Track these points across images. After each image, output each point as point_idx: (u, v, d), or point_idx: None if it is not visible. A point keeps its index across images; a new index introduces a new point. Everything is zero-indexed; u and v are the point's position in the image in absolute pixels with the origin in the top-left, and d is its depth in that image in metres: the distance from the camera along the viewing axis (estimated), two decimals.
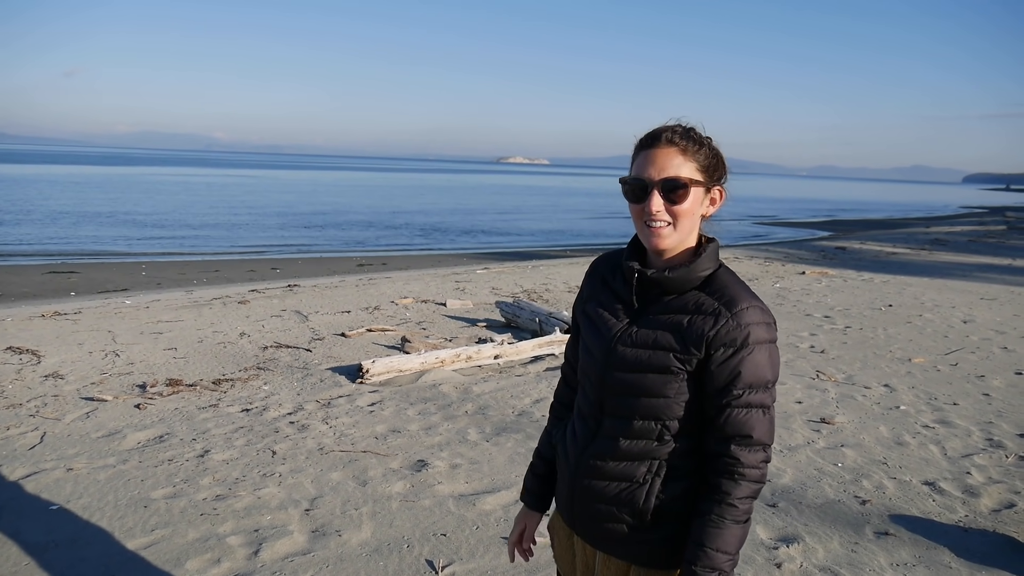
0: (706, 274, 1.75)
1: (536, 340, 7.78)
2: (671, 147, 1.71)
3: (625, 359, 1.75)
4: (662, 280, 1.74)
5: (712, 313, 1.69)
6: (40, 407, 5.78)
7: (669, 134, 1.72)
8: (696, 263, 1.73)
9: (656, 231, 1.72)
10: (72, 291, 13.01)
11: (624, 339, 1.77)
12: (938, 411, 6.20)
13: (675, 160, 1.70)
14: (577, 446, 1.87)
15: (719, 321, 1.67)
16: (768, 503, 4.38)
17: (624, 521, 1.79)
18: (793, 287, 13.25)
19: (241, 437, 5.26)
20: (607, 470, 1.80)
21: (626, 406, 1.76)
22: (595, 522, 1.84)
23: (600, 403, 1.81)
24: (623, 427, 1.77)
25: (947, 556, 3.83)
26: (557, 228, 33.45)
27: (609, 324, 1.81)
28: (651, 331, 1.74)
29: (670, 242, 1.73)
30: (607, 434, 1.80)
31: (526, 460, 4.94)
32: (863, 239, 25.65)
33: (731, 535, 1.68)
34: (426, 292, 11.82)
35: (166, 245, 21.59)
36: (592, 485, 1.82)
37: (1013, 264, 18.11)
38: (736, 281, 1.75)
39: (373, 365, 6.69)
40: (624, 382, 1.75)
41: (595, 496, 1.82)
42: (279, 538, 3.84)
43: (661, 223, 1.71)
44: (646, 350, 1.73)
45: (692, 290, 1.74)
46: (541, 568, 3.58)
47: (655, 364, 1.71)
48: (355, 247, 23.27)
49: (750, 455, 1.68)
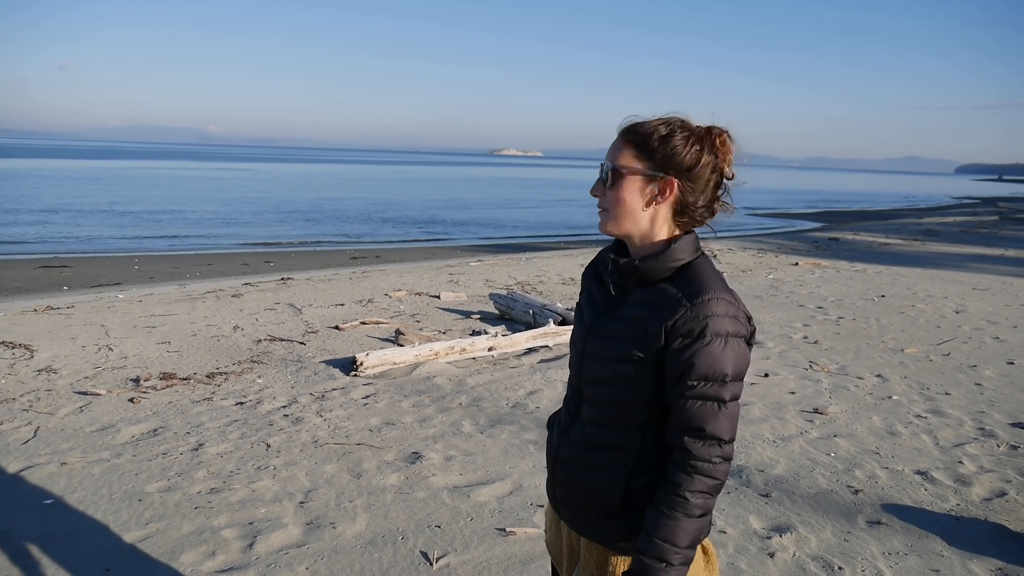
0: (678, 264, 1.72)
1: (530, 332, 7.78)
2: (619, 136, 1.75)
3: (597, 349, 1.78)
4: (634, 269, 1.75)
5: (672, 303, 1.66)
6: (33, 401, 5.77)
7: (627, 123, 1.75)
8: (667, 253, 1.71)
9: (600, 215, 1.78)
10: (65, 285, 12.98)
11: (597, 328, 1.80)
12: (930, 401, 6.23)
13: (616, 148, 1.74)
14: (560, 432, 1.92)
15: (677, 311, 1.64)
16: (761, 493, 4.40)
17: (595, 508, 1.81)
18: (786, 278, 13.28)
19: (235, 430, 5.26)
20: (580, 457, 1.83)
21: (599, 394, 1.78)
22: (573, 507, 1.87)
23: (580, 390, 1.85)
24: (597, 415, 1.79)
25: (939, 545, 3.86)
26: (551, 220, 33.47)
27: (591, 316, 1.85)
28: (619, 321, 1.76)
29: (610, 227, 1.76)
30: (584, 421, 1.83)
31: (520, 452, 4.96)
32: (856, 230, 25.72)
33: (680, 529, 1.65)
34: (420, 285, 11.82)
35: (159, 239, 21.54)
36: (568, 471, 1.86)
37: (1005, 254, 18.17)
38: (707, 272, 1.72)
39: (367, 358, 6.69)
40: (595, 371, 1.78)
41: (571, 482, 1.85)
42: (274, 531, 3.84)
43: (601, 208, 1.77)
44: (613, 340, 1.75)
45: (662, 280, 1.73)
46: (536, 559, 3.60)
47: (619, 354, 1.72)
48: (348, 240, 23.24)
49: (702, 448, 1.64)
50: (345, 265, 16.13)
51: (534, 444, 5.08)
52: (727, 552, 3.73)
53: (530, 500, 4.25)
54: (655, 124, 1.73)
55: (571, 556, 1.97)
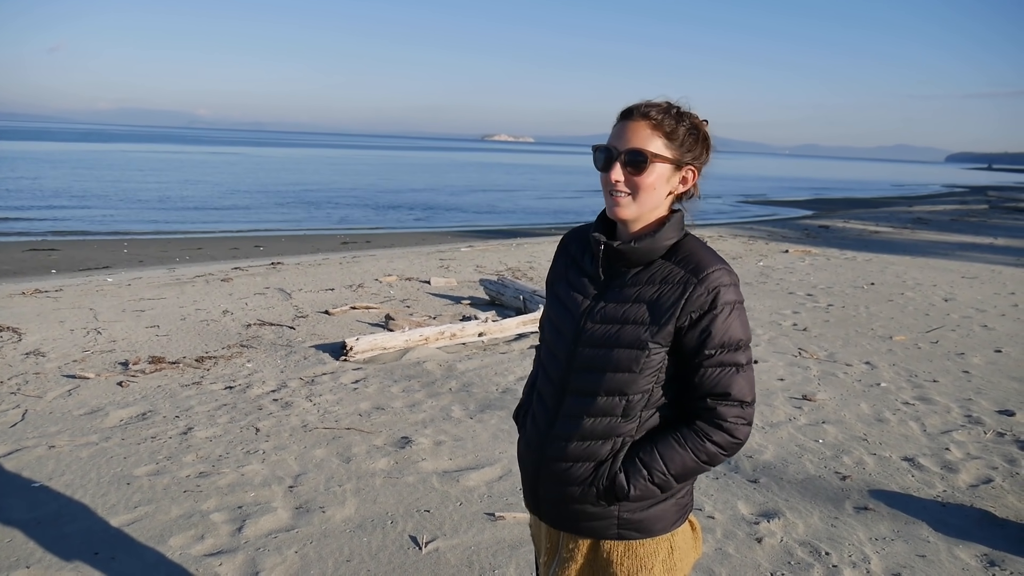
0: (670, 243, 1.77)
1: (520, 317, 7.78)
2: (643, 120, 1.73)
3: (594, 335, 1.76)
4: (628, 251, 1.76)
5: (680, 282, 1.72)
6: (21, 385, 5.74)
7: (645, 108, 1.74)
8: (660, 232, 1.76)
9: (616, 200, 1.75)
10: (53, 268, 12.90)
11: (592, 315, 1.78)
12: (918, 388, 6.26)
13: (643, 133, 1.72)
14: (539, 430, 1.88)
15: (687, 288, 1.71)
16: (749, 479, 4.42)
17: (590, 500, 1.80)
18: (776, 265, 13.31)
19: (224, 414, 5.25)
20: (571, 451, 1.81)
21: (591, 382, 1.77)
22: (562, 504, 1.84)
23: (564, 382, 1.82)
24: (586, 405, 1.78)
25: (925, 530, 3.88)
26: (541, 206, 33.43)
27: (577, 300, 1.83)
28: (619, 305, 1.76)
29: (629, 212, 1.75)
30: (569, 413, 1.81)
31: (510, 437, 4.96)
32: (846, 218, 25.78)
33: (680, 459, 1.74)
34: (410, 270, 11.80)
35: (148, 223, 21.42)
36: (557, 467, 1.83)
37: (994, 243, 18.25)
38: (701, 246, 1.78)
39: (357, 343, 6.68)
40: (591, 358, 1.76)
41: (561, 478, 1.82)
42: (263, 515, 3.84)
43: (622, 193, 1.74)
44: (615, 325, 1.74)
45: (657, 260, 1.77)
46: (524, 543, 3.61)
47: (624, 339, 1.73)
48: (339, 225, 23.16)
49: (727, 410, 1.73)
50: (335, 250, 16.08)
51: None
52: (715, 537, 3.75)
53: (519, 485, 4.24)
54: (681, 113, 1.76)
55: (551, 552, 1.95)
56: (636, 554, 1.81)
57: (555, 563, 1.91)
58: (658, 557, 1.82)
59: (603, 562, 1.84)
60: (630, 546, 1.82)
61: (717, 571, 3.45)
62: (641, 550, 1.82)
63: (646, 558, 1.81)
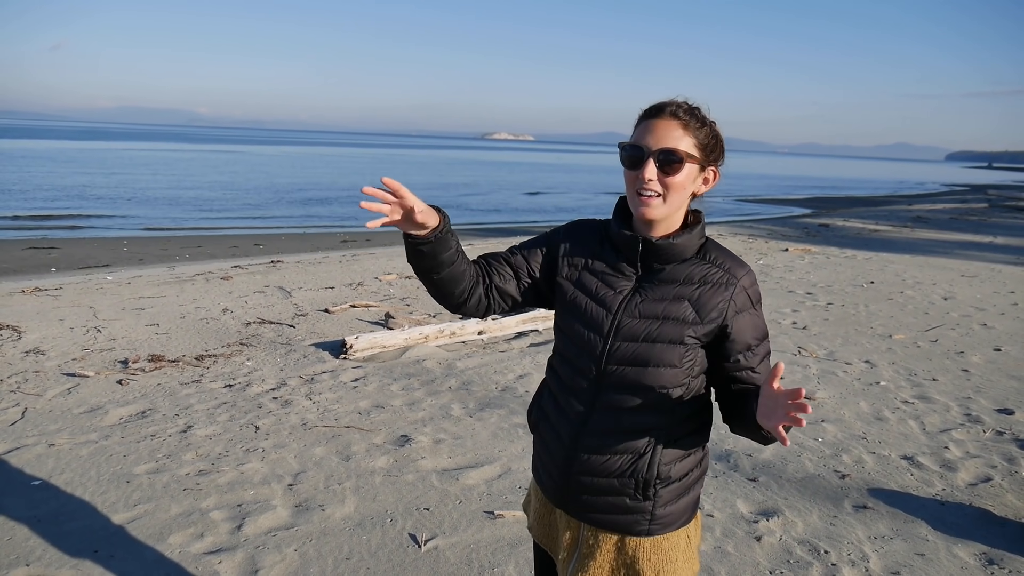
0: (702, 242, 1.84)
1: (520, 316, 7.79)
2: (674, 120, 1.74)
3: (633, 330, 1.77)
4: (666, 248, 1.79)
5: (722, 283, 1.78)
6: (21, 383, 5.74)
7: (674, 108, 1.75)
8: (695, 231, 1.81)
9: (646, 200, 1.74)
10: (53, 267, 12.90)
11: (630, 310, 1.79)
12: (917, 387, 6.26)
13: (675, 133, 1.73)
14: (572, 424, 1.85)
15: (729, 289, 1.77)
16: (749, 477, 4.43)
17: (626, 493, 1.81)
18: (776, 264, 13.31)
19: (224, 413, 5.25)
20: (609, 445, 1.81)
21: (630, 377, 1.77)
22: (594, 497, 1.84)
23: (599, 377, 1.80)
24: (624, 399, 1.78)
25: (924, 529, 3.89)
26: (541, 205, 33.41)
27: (610, 296, 1.82)
28: (658, 302, 1.78)
29: (658, 212, 1.76)
30: (607, 407, 1.80)
31: (510, 435, 4.97)
32: (846, 216, 25.78)
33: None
34: (410, 268, 11.77)
35: (148, 221, 21.41)
36: (592, 461, 1.82)
37: (994, 242, 18.25)
38: (726, 249, 1.85)
39: (357, 341, 6.68)
40: (631, 353, 1.76)
41: (596, 471, 1.82)
42: (262, 513, 3.85)
43: (652, 193, 1.74)
44: (656, 320, 1.76)
45: (691, 258, 1.81)
46: (523, 542, 3.61)
47: (666, 335, 1.75)
48: (339, 223, 23.15)
49: None
50: (335, 248, 16.07)
51: (523, 428, 5.09)
52: (714, 536, 3.75)
53: (519, 483, 4.26)
54: (703, 115, 1.79)
55: (572, 546, 1.93)
56: (661, 548, 1.84)
57: (575, 559, 1.91)
58: (679, 549, 1.86)
59: (628, 558, 1.85)
60: (656, 541, 1.84)
61: (716, 569, 3.46)
62: (666, 544, 1.85)
63: (670, 551, 1.85)
